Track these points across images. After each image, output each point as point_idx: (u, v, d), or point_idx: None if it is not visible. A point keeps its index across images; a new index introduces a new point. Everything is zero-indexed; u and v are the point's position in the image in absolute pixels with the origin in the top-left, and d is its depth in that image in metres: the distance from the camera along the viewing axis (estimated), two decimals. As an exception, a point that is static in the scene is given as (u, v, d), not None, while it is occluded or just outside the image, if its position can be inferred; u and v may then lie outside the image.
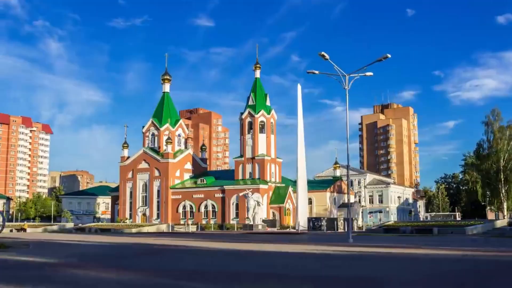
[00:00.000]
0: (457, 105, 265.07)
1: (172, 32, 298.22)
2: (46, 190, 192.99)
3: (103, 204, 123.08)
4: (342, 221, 52.84)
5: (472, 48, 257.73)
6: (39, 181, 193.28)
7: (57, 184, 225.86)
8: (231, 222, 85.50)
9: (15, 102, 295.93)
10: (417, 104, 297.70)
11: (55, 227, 67.62)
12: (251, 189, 73.44)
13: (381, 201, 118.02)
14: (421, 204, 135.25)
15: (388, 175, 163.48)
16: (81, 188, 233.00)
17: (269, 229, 64.01)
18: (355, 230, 58.67)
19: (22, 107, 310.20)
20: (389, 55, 28.53)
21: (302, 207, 62.17)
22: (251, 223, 62.10)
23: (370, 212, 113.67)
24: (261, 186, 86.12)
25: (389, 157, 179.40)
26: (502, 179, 73.96)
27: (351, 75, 29.94)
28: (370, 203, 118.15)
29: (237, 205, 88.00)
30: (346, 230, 55.88)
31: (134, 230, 54.58)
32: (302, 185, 63.11)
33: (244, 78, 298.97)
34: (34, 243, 26.69)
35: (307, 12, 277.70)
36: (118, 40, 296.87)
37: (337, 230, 51.73)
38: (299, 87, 66.15)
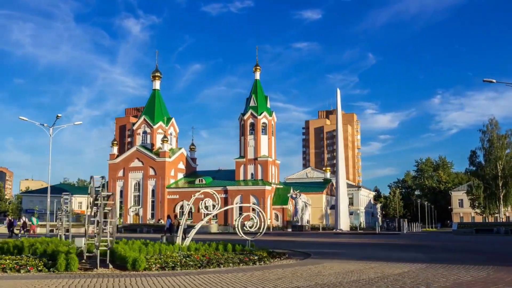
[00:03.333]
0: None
1: (265, 24, 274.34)
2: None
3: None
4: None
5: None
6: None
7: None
8: (234, 222, 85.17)
9: (52, 96, 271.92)
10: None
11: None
12: (299, 192, 73.19)
13: (351, 203, 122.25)
14: (378, 207, 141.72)
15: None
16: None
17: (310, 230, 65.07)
18: (413, 231, 61.44)
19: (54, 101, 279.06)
20: None
21: (344, 208, 63.99)
22: (299, 223, 62.74)
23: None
24: (266, 187, 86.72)
25: (334, 161, 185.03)
26: (500, 184, 79.62)
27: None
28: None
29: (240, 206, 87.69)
30: (413, 230, 58.75)
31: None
32: (342, 188, 64.96)
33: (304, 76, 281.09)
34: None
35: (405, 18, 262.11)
36: (203, 30, 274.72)
37: (402, 230, 53.87)
38: (338, 91, 67.91)
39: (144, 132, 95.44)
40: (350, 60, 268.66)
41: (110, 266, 14.95)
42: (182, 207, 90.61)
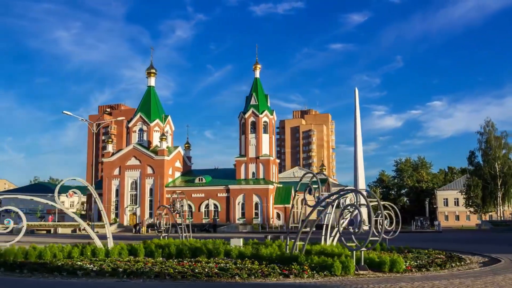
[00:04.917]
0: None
1: (308, 26, 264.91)
2: None
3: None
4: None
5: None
6: None
7: None
8: (237, 222, 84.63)
9: (69, 96, 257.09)
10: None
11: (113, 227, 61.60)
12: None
13: (339, 203, 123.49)
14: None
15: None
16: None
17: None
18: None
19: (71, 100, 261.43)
20: None
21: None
22: (322, 222, 62.56)
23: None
24: (269, 186, 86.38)
25: (310, 161, 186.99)
26: (499, 184, 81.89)
27: None
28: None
29: (243, 205, 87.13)
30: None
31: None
32: (361, 186, 65.20)
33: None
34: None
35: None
36: (247, 30, 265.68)
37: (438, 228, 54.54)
38: (356, 91, 67.87)
39: (140, 130, 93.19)
40: (377, 63, 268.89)
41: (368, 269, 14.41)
42: (182, 206, 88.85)
